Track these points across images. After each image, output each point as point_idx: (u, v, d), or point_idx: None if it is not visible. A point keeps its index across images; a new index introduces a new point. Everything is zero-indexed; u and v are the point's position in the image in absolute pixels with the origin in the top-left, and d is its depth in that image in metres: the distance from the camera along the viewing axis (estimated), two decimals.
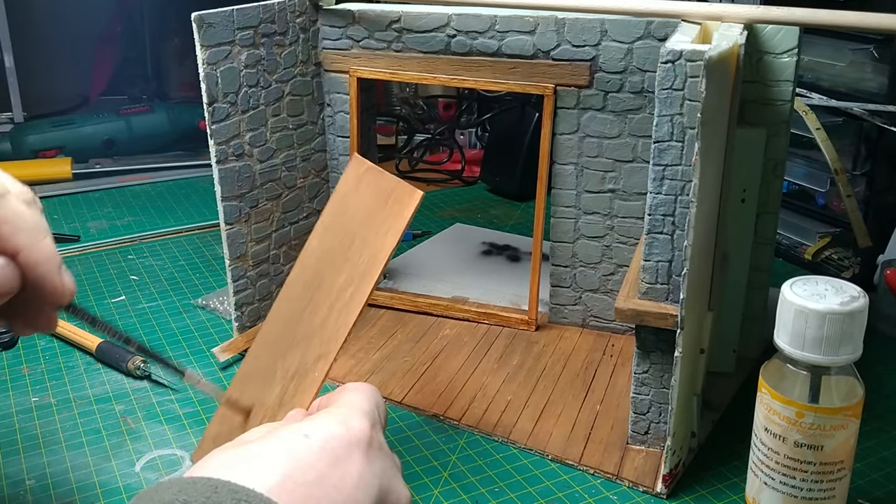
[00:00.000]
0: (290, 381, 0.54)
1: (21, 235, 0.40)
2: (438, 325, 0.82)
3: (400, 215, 0.53)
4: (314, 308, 0.55)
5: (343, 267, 0.55)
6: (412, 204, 0.53)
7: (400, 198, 0.54)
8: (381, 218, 0.54)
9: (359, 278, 0.53)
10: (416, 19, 0.76)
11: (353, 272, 0.54)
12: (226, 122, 0.72)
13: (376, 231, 0.54)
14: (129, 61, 1.50)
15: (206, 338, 0.81)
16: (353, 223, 0.56)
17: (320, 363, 0.53)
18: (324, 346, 0.53)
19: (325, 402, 0.45)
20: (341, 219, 0.57)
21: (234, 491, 0.33)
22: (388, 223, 0.53)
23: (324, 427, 0.40)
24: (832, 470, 0.53)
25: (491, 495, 0.60)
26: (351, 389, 0.45)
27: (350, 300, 0.53)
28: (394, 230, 0.53)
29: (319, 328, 0.54)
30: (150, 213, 1.11)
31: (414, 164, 1.27)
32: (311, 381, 0.53)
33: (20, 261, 0.40)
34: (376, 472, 0.39)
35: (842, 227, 0.90)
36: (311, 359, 0.53)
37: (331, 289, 0.54)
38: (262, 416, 0.54)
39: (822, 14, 0.58)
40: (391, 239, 0.53)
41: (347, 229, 0.56)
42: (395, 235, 0.53)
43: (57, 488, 0.61)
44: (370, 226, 0.54)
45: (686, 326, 0.56)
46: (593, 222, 0.77)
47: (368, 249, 0.54)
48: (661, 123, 0.56)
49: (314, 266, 0.57)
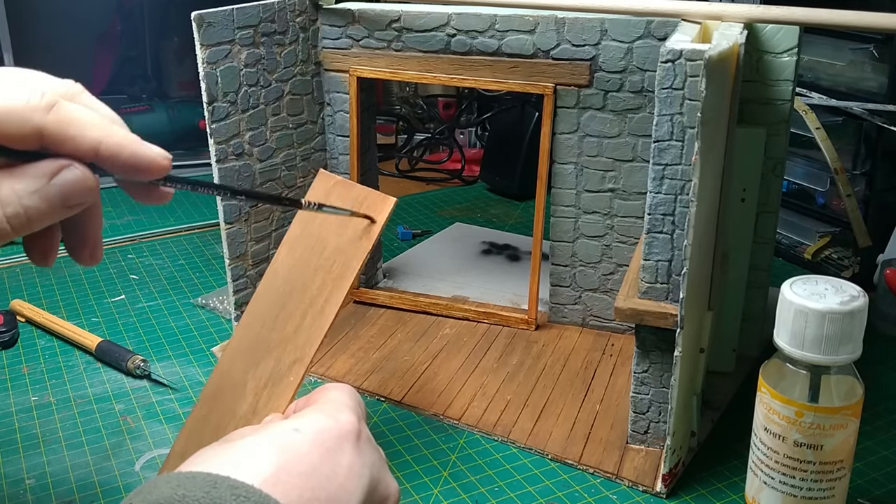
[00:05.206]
0: (264, 388, 0.54)
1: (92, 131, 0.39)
2: (438, 325, 0.82)
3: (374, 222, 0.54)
4: (287, 315, 0.55)
5: (316, 273, 0.55)
6: (385, 210, 0.54)
7: (372, 205, 0.54)
8: (353, 224, 0.54)
9: (333, 283, 0.54)
10: (416, 18, 0.76)
11: (326, 277, 0.54)
12: (226, 121, 0.72)
13: (349, 237, 0.54)
14: (129, 60, 1.49)
15: (206, 337, 0.81)
16: (323, 231, 0.56)
17: (295, 367, 0.53)
18: (298, 350, 0.53)
19: (304, 403, 0.45)
20: (311, 228, 0.57)
21: (233, 486, 0.33)
22: (362, 230, 0.54)
23: (313, 421, 0.40)
24: (832, 469, 0.53)
25: (491, 495, 0.60)
26: (331, 388, 0.45)
27: (325, 304, 0.54)
28: (367, 235, 0.54)
29: (293, 334, 0.54)
30: (150, 212, 1.11)
31: (414, 163, 1.27)
32: (285, 386, 0.53)
33: (103, 153, 0.39)
34: (366, 463, 0.39)
35: (841, 227, 0.90)
36: (285, 365, 0.54)
37: (303, 296, 0.55)
38: (234, 427, 0.54)
39: (822, 13, 0.58)
40: (365, 244, 0.54)
41: (318, 237, 0.56)
42: (368, 240, 0.54)
43: (57, 488, 0.61)
44: (342, 233, 0.55)
45: (686, 326, 0.56)
46: (593, 222, 0.77)
47: (342, 256, 0.54)
48: (661, 123, 0.56)
49: (285, 276, 0.57)
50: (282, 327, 0.55)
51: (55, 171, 0.38)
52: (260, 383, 0.54)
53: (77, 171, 0.39)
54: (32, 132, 0.37)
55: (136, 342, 0.80)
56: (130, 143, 0.40)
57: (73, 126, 0.38)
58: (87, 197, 0.39)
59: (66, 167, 0.38)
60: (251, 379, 0.55)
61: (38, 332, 0.82)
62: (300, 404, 0.46)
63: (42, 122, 0.37)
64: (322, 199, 0.57)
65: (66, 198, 0.38)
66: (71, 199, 0.38)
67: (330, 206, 0.53)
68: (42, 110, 0.37)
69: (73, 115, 0.39)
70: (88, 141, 0.39)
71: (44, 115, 0.37)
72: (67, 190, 0.38)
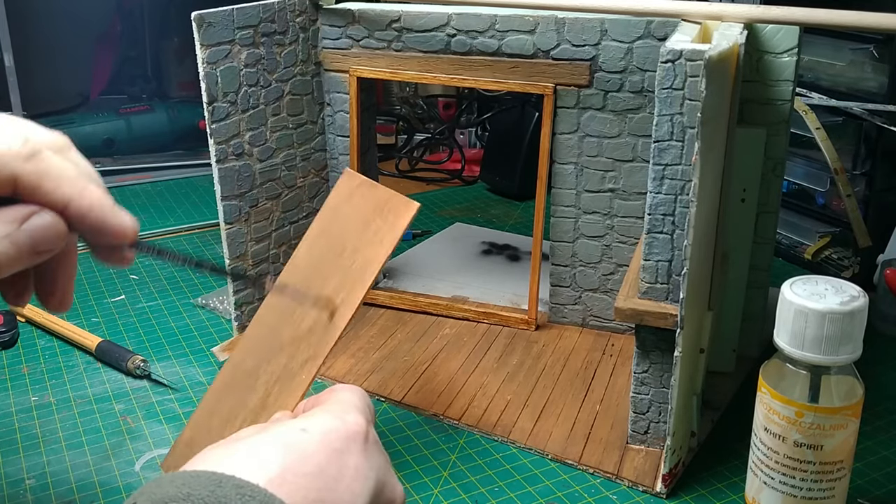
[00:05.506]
0: (275, 384, 0.54)
1: (65, 187, 0.39)
2: (438, 325, 0.82)
3: (395, 225, 0.54)
4: (303, 313, 0.55)
5: (334, 273, 0.55)
6: (408, 214, 0.54)
7: (395, 208, 0.54)
8: (375, 227, 0.54)
9: (351, 284, 0.54)
10: (416, 18, 0.76)
11: (345, 278, 0.54)
12: (226, 121, 0.72)
13: (370, 239, 0.54)
14: (129, 60, 1.49)
15: (206, 337, 0.81)
16: (345, 232, 0.56)
17: (308, 365, 0.53)
18: (312, 349, 0.53)
19: (313, 402, 0.45)
20: (332, 228, 0.57)
21: (238, 485, 0.33)
22: (383, 232, 0.54)
23: (321, 422, 0.40)
24: (832, 469, 0.53)
25: (491, 495, 0.60)
26: (341, 389, 0.45)
27: (342, 305, 0.53)
28: (388, 239, 0.54)
29: (308, 332, 0.54)
30: (150, 212, 1.11)
31: (414, 163, 1.27)
32: (297, 384, 0.53)
33: (71, 212, 0.39)
34: (373, 465, 0.39)
35: (841, 227, 0.90)
36: (298, 362, 0.54)
37: (320, 294, 0.55)
38: (244, 420, 0.54)
39: (822, 14, 0.58)
40: (385, 247, 0.54)
41: (339, 238, 0.56)
42: (389, 244, 0.53)
43: (57, 487, 0.61)
44: (363, 235, 0.55)
45: (686, 326, 0.56)
46: (593, 222, 0.77)
47: (361, 257, 0.54)
48: (661, 123, 0.56)
49: (303, 273, 0.57)
50: (297, 324, 0.55)
51: (25, 217, 0.38)
52: (272, 378, 0.54)
53: (47, 217, 0.39)
54: (7, 178, 0.38)
55: (136, 342, 0.80)
56: (100, 207, 0.40)
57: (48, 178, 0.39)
58: (56, 244, 0.39)
59: (36, 213, 0.39)
60: (263, 373, 0.55)
61: (38, 332, 0.82)
62: (309, 404, 0.46)
63: (19, 169, 0.38)
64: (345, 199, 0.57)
65: (35, 244, 0.38)
66: (40, 245, 0.39)
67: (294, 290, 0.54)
68: (21, 158, 0.38)
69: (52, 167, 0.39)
70: (59, 196, 0.39)
71: (22, 163, 0.38)
72: (37, 236, 0.38)
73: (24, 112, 1.37)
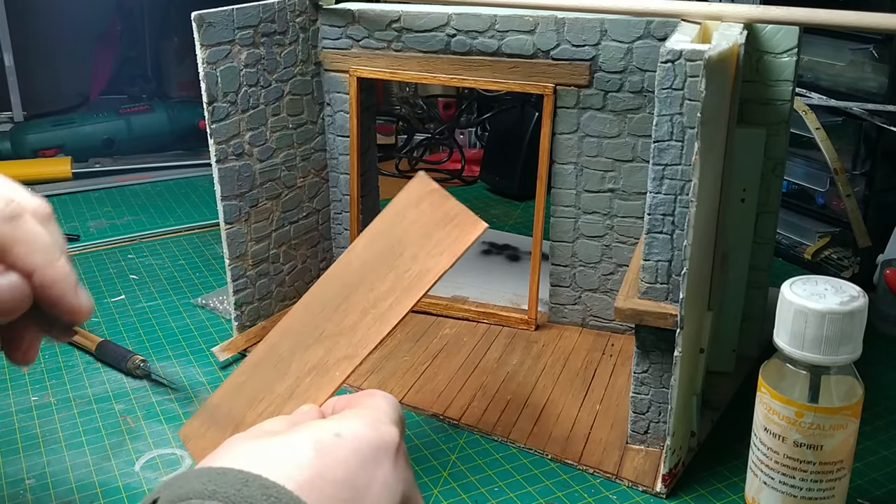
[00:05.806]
0: (307, 375, 0.53)
1: (36, 256, 0.40)
2: (438, 325, 0.82)
3: (459, 240, 0.52)
4: (348, 308, 0.54)
5: (387, 276, 0.54)
6: (475, 232, 0.52)
7: (462, 223, 0.53)
8: (437, 238, 0.53)
9: (402, 291, 0.52)
10: (416, 19, 0.76)
11: (396, 283, 0.53)
12: (226, 121, 0.72)
13: (430, 250, 0.53)
14: (129, 60, 1.50)
15: (206, 337, 0.81)
16: (406, 236, 0.55)
17: (343, 364, 0.52)
18: (351, 348, 0.52)
19: (345, 403, 0.45)
20: (394, 229, 0.55)
21: (265, 486, 0.33)
22: (444, 245, 0.52)
23: (355, 428, 0.39)
24: (832, 470, 0.53)
25: (491, 495, 0.60)
26: (376, 395, 0.44)
27: (388, 310, 0.52)
28: (449, 252, 0.52)
29: (350, 329, 0.53)
30: (150, 212, 1.11)
31: (413, 163, 1.27)
32: (329, 380, 0.52)
33: (35, 281, 0.40)
34: (401, 478, 0.38)
35: (841, 227, 0.90)
36: (334, 358, 0.52)
37: (369, 294, 0.53)
38: (269, 404, 0.53)
39: (822, 14, 0.58)
40: (445, 261, 0.52)
41: (399, 240, 0.55)
42: (449, 258, 0.52)
43: (57, 488, 0.61)
44: (424, 243, 0.53)
45: (686, 326, 0.56)
46: (593, 222, 0.77)
47: (418, 265, 0.53)
48: (660, 123, 0.56)
49: (356, 268, 0.55)
50: (340, 319, 0.54)
51: None
52: (305, 368, 0.53)
53: (13, 278, 0.40)
54: None
55: (136, 342, 0.80)
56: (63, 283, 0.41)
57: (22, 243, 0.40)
58: (21, 304, 0.40)
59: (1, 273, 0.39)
60: (297, 361, 0.54)
61: None
62: (340, 404, 0.45)
63: None
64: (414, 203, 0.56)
65: None
66: (4, 304, 0.39)
67: None
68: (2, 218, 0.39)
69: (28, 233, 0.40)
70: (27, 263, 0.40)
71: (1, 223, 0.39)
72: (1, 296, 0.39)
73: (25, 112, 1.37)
